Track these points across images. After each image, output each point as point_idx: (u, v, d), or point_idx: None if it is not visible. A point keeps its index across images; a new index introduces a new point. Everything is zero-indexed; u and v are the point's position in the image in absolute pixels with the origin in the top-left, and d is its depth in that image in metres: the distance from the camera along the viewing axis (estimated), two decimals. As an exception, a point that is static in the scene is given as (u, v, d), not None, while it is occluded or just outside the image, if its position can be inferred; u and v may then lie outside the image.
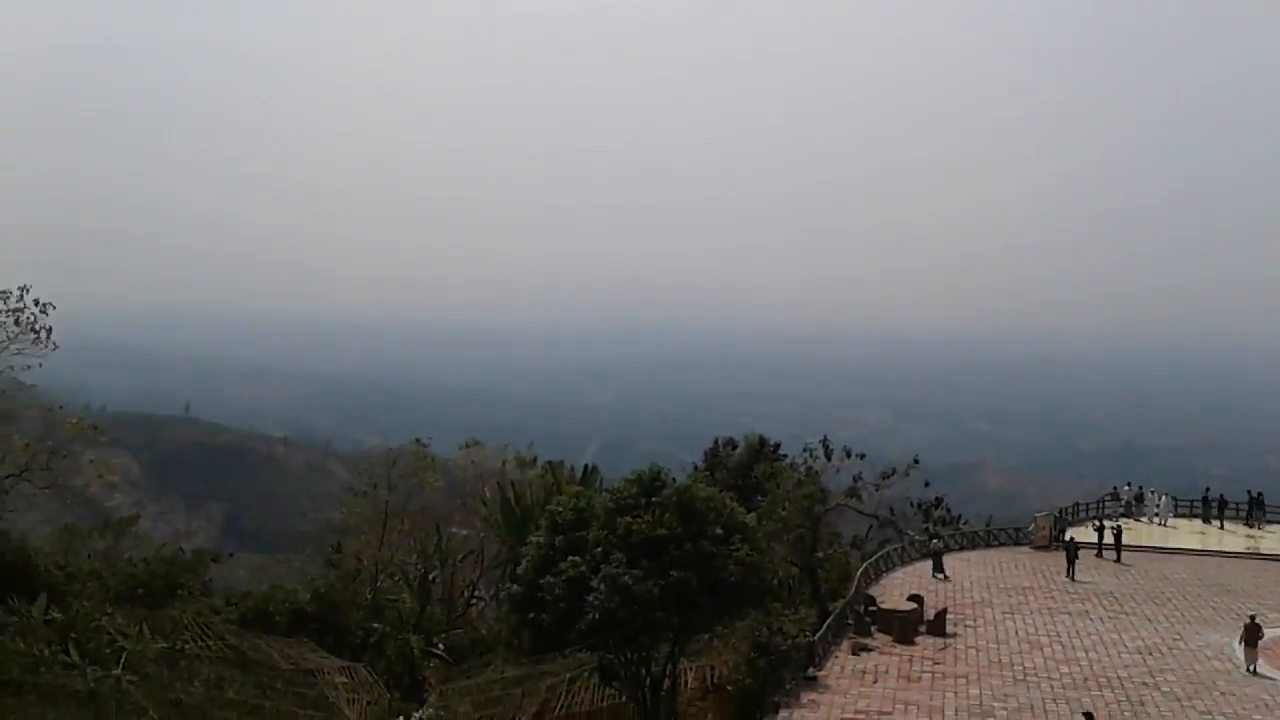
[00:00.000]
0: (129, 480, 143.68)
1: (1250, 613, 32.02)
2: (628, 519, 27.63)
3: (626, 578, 26.20)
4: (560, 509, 29.04)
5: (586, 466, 51.61)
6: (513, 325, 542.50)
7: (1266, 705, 27.09)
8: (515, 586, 28.11)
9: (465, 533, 47.95)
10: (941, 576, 40.74)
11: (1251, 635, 30.27)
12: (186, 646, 31.05)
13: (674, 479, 34.29)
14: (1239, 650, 30.90)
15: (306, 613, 39.60)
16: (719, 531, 28.72)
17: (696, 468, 50.63)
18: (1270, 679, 29.16)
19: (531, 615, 27.12)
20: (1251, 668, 29.98)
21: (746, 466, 48.01)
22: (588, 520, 28.57)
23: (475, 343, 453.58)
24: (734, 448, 52.32)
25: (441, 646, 40.97)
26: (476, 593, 47.93)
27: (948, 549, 43.36)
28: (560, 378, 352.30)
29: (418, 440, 49.29)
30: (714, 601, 28.23)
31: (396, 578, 45.57)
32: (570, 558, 27.17)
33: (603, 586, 26.16)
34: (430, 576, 45.38)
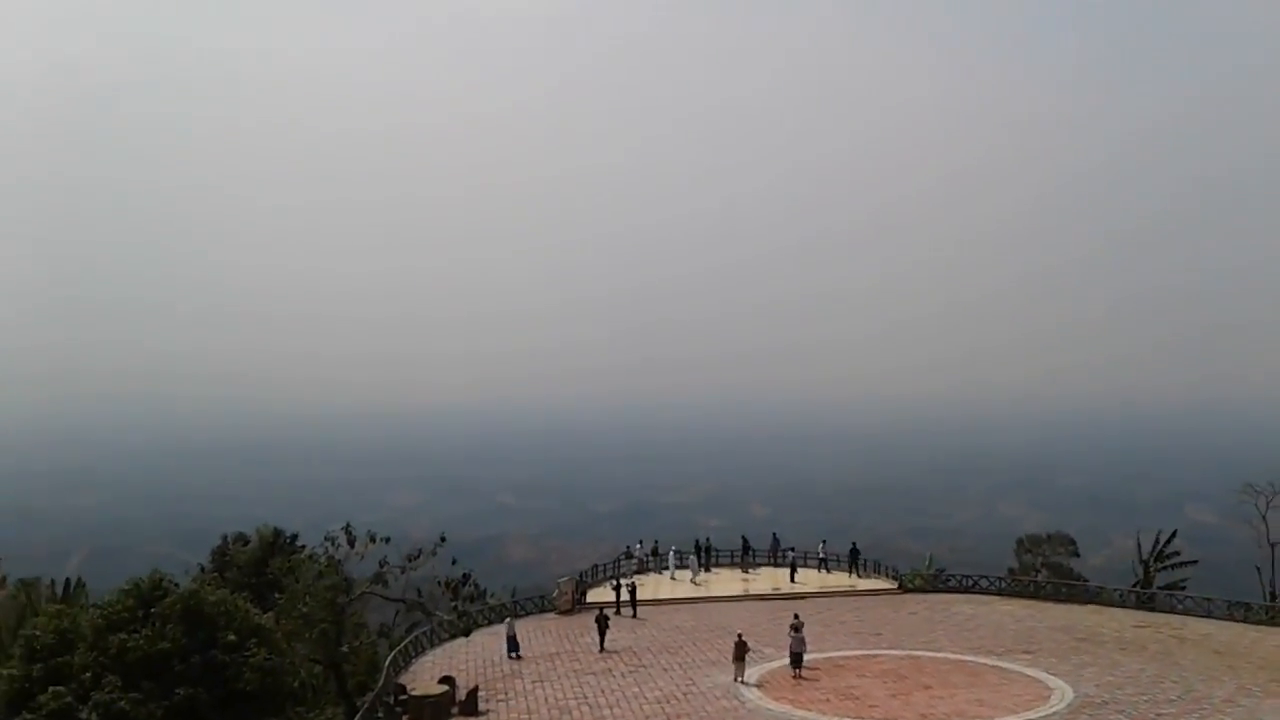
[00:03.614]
0: None
1: (738, 631, 36.61)
2: (122, 636, 24.93)
3: (123, 703, 23.50)
4: (37, 633, 25.57)
5: (69, 581, 45.72)
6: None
7: (766, 735, 29.75)
8: (-20, 732, 24.05)
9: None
10: (515, 655, 40.12)
11: (740, 651, 35.28)
12: None
13: (177, 585, 31.41)
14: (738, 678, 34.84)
15: None
16: (232, 638, 26.82)
17: (204, 569, 46.76)
18: (768, 707, 32.03)
19: (3, 763, 23.36)
20: (740, 679, 34.67)
21: (261, 562, 45.15)
22: (73, 643, 25.40)
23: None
24: (246, 543, 49.13)
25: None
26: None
27: (518, 619, 43.26)
28: (33, 477, 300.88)
29: None
30: (228, 715, 26.13)
31: None
32: (52, 688, 23.89)
33: (94, 716, 23.20)
34: None
